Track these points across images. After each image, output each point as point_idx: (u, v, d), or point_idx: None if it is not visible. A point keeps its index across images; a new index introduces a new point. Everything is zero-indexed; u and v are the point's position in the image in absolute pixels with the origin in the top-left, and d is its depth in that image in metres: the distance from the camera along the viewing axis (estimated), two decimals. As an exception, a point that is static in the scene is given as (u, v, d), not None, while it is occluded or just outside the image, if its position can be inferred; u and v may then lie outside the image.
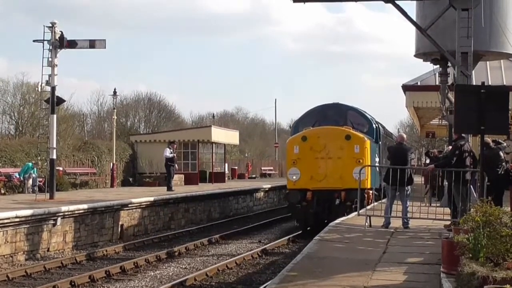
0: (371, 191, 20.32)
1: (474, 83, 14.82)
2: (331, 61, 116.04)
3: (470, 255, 7.28)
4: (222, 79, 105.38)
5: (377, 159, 22.04)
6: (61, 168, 27.91)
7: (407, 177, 14.15)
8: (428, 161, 25.98)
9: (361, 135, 20.59)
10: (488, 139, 13.18)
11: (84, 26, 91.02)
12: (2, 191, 24.17)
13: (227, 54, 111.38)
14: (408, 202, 14.38)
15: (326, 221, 18.82)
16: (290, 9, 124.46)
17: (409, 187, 14.40)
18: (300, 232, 20.41)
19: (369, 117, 22.79)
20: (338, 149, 19.95)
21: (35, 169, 25.15)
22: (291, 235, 19.84)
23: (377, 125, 22.84)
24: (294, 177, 20.04)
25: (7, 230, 15.26)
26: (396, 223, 14.33)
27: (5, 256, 15.18)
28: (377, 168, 21.33)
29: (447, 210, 14.26)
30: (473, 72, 14.82)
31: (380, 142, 22.91)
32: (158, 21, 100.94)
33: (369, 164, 19.87)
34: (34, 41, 21.21)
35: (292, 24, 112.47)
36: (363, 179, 18.27)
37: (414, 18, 15.63)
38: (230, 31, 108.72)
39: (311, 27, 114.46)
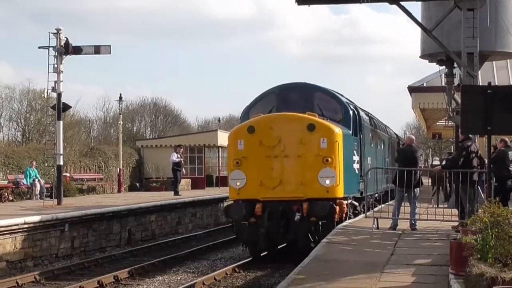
0: (345, 202, 15.22)
1: (480, 84, 14.79)
2: (336, 64, 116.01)
3: (479, 256, 7.27)
4: (227, 83, 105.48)
5: (355, 157, 16.70)
6: (68, 174, 28.04)
7: (417, 179, 14.15)
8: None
9: (329, 124, 15.34)
10: (506, 138, 13.16)
11: (88, 31, 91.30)
12: (10, 198, 24.27)
13: (232, 59, 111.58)
14: (416, 204, 14.36)
15: (284, 243, 15.81)
16: (294, 12, 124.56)
17: (417, 189, 14.39)
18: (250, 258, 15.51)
19: (344, 101, 17.13)
20: (297, 143, 14.84)
21: (35, 169, 25.30)
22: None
23: (356, 112, 17.32)
24: (238, 184, 14.92)
25: (15, 237, 15.32)
26: (404, 224, 14.30)
27: (14, 262, 15.24)
28: (355, 169, 16.65)
29: (455, 211, 14.23)
30: (479, 72, 14.78)
31: (361, 135, 17.49)
32: (163, 26, 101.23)
33: (340, 164, 15.00)
34: (39, 47, 21.34)
35: (297, 27, 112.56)
36: (331, 184, 14.64)
37: (419, 19, 15.61)
38: (235, 36, 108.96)
39: (316, 30, 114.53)
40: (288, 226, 14.65)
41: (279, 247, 16.10)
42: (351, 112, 16.77)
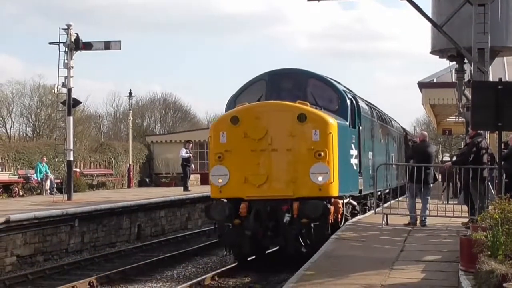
0: (340, 201, 13.63)
1: (491, 79, 14.72)
2: (345, 59, 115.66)
3: (489, 252, 7.25)
4: (237, 78, 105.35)
5: (353, 152, 15.16)
6: (78, 170, 28.17)
7: (430, 175, 14.16)
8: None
9: (323, 114, 13.72)
10: None
11: (97, 28, 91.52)
12: (21, 193, 24.41)
13: (242, 53, 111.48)
14: (428, 200, 14.36)
15: (274, 247, 14.63)
16: (304, 7, 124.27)
17: (430, 185, 14.40)
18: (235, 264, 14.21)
19: (341, 89, 15.37)
20: (287, 136, 13.31)
21: (45, 165, 25.48)
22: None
23: (354, 102, 15.67)
24: (220, 180, 13.49)
25: (26, 232, 15.39)
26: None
27: (25, 257, 15.32)
28: (353, 165, 15.04)
29: (465, 207, 14.19)
30: (490, 68, 14.71)
31: (360, 127, 15.94)
32: (172, 21, 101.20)
33: (335, 159, 13.39)
34: (50, 43, 21.42)
35: (306, 22, 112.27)
36: (324, 182, 13.07)
37: (429, 14, 15.55)
38: (244, 30, 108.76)
39: (325, 25, 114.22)
40: (277, 228, 13.17)
41: (268, 251, 14.99)
42: (348, 102, 15.04)
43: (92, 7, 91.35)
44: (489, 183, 13.30)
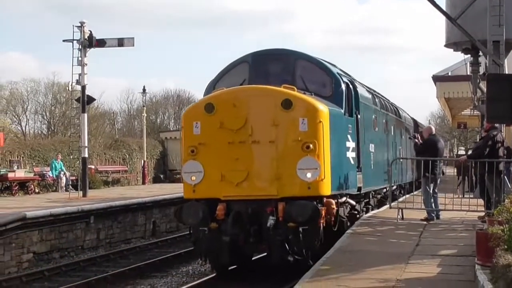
0: (334, 201, 11.66)
1: (506, 72, 14.59)
2: (358, 54, 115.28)
3: (505, 246, 7.20)
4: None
5: (350, 144, 13.17)
6: (93, 166, 28.34)
7: (439, 169, 14.15)
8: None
9: (311, 99, 11.73)
10: None
11: (109, 24, 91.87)
12: (37, 190, 24.59)
13: (254, 50, 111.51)
14: (437, 194, 14.32)
15: (259, 255, 13.01)
16: (317, 4, 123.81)
17: (438, 179, 14.35)
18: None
19: (335, 71, 13.31)
20: (270, 125, 11.33)
21: (60, 162, 25.65)
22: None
23: (351, 87, 13.63)
24: (193, 178, 11.56)
25: (42, 229, 15.49)
26: (424, 215, 14.20)
27: (41, 254, 15.43)
28: (349, 158, 13.10)
29: (480, 201, 14.10)
30: (505, 61, 14.58)
31: (358, 116, 13.90)
32: (185, 18, 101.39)
33: (326, 152, 11.36)
34: (64, 41, 21.59)
35: (319, 18, 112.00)
36: (314, 179, 11.16)
37: (443, 7, 15.44)
38: (258, 27, 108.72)
39: (339, 20, 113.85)
40: (260, 233, 11.24)
41: (253, 258, 13.30)
42: (343, 86, 12.99)
43: (106, 4, 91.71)
44: (505, 177, 13.21)
